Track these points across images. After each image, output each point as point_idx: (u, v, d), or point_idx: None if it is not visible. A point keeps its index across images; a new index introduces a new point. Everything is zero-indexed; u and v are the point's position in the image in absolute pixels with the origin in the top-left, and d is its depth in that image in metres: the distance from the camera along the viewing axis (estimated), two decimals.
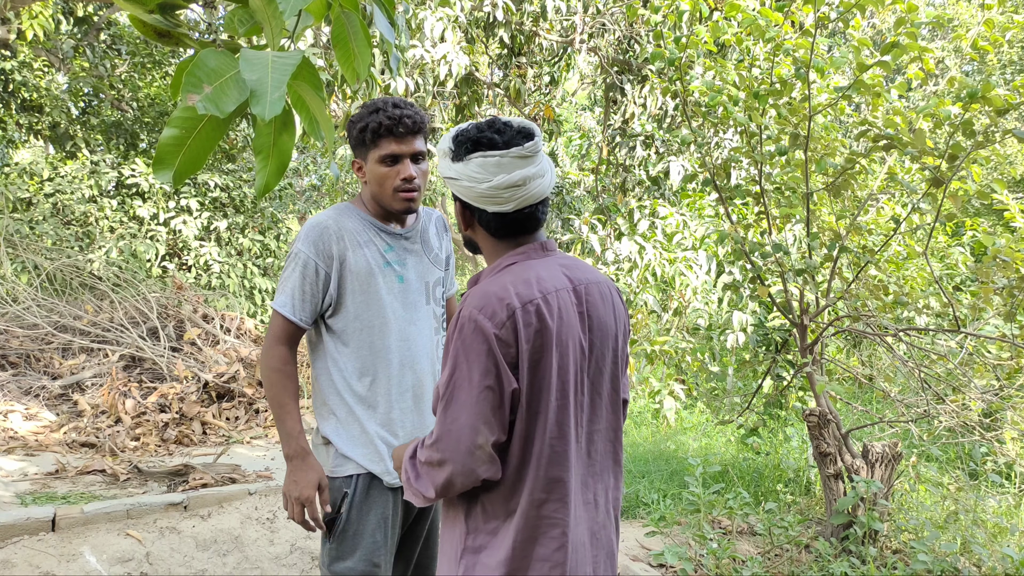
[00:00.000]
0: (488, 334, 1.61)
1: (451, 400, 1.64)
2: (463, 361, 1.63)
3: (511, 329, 1.63)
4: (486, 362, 1.62)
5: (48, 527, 3.82)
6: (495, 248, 1.81)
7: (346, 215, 2.27)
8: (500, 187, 1.68)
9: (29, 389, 5.94)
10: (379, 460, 2.21)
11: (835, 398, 5.34)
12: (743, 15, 4.57)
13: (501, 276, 1.72)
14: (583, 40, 8.93)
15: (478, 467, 1.63)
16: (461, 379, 1.63)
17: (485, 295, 1.66)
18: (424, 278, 2.31)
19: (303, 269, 2.20)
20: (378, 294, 2.22)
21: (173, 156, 1.43)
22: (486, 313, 1.63)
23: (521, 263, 1.75)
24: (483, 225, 1.78)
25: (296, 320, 2.22)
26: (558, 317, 1.69)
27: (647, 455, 6.48)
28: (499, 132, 1.72)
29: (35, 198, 9.43)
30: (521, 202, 1.72)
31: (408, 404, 2.25)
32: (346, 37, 1.58)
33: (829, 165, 4.61)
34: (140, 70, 11.53)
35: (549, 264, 1.77)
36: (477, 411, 1.61)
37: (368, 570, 2.17)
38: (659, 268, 9.01)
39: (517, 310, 1.64)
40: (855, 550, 4.28)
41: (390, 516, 2.23)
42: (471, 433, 1.62)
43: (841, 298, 4.62)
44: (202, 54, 1.28)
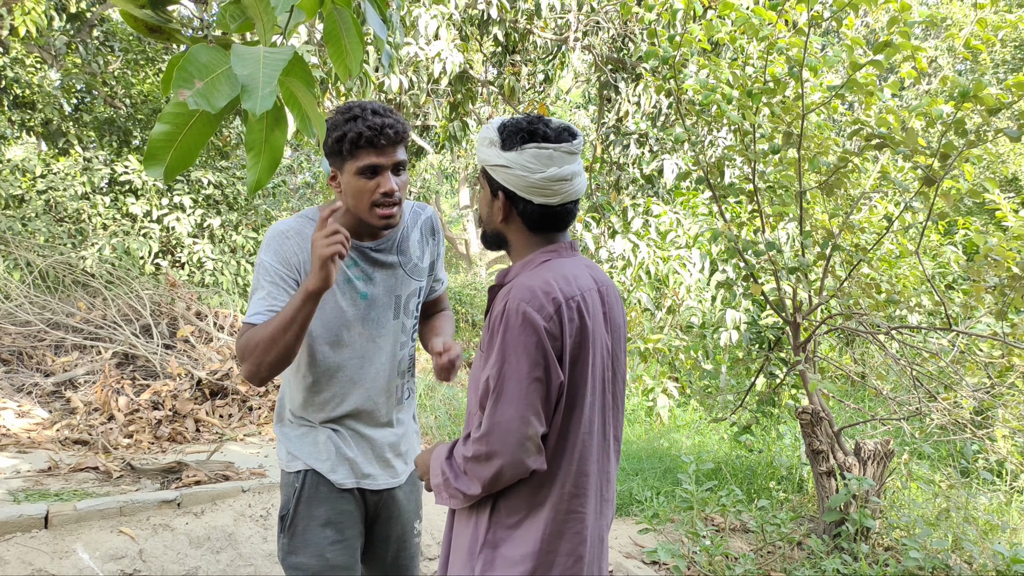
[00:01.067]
0: (538, 326, 1.64)
1: (501, 392, 1.65)
2: (512, 353, 1.65)
3: (557, 322, 1.67)
4: (535, 354, 1.64)
5: (41, 524, 3.81)
6: (527, 243, 1.83)
7: (310, 224, 2.13)
8: (552, 179, 1.72)
9: (21, 386, 5.92)
10: (325, 459, 2.19)
11: (828, 396, 5.36)
12: (737, 14, 4.57)
13: (540, 271, 1.74)
14: (577, 38, 8.93)
15: (528, 458, 1.66)
16: (510, 371, 1.65)
17: (530, 289, 1.68)
18: (394, 292, 2.20)
19: (271, 276, 2.08)
20: (333, 311, 2.13)
21: (164, 152, 1.43)
22: (534, 306, 1.65)
23: (555, 260, 1.79)
24: (523, 217, 1.80)
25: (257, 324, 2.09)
26: (592, 315, 1.75)
27: (640, 453, 6.49)
28: (548, 126, 1.77)
29: (27, 195, 9.40)
30: (566, 196, 1.76)
31: (357, 420, 2.22)
32: (338, 34, 1.58)
33: (822, 164, 4.62)
34: (133, 67, 11.50)
35: (578, 264, 1.82)
36: (528, 402, 1.64)
37: (319, 564, 2.15)
38: (653, 266, 9.02)
39: (562, 304, 1.68)
40: (847, 547, 4.29)
41: (344, 513, 2.21)
42: (522, 424, 1.64)
43: (834, 296, 4.64)
44: (193, 49, 1.28)
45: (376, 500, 2.28)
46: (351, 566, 2.21)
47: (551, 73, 11.03)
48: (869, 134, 4.44)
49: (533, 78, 11.15)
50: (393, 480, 2.27)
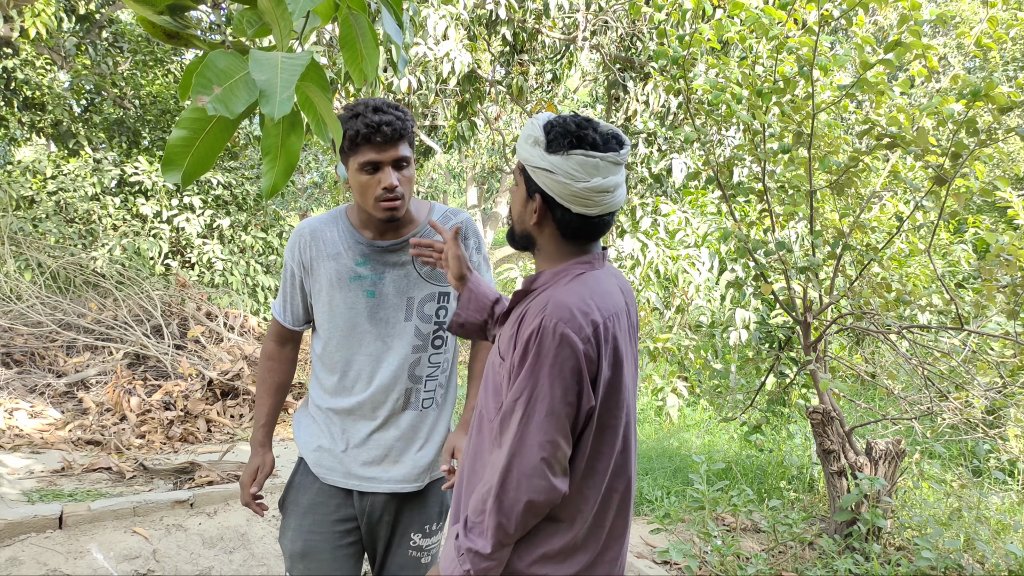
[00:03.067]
0: (576, 348, 1.56)
1: (531, 416, 1.57)
2: (545, 377, 1.56)
3: (595, 345, 1.59)
4: (570, 379, 1.56)
5: (55, 524, 3.83)
6: (558, 251, 1.75)
7: (330, 223, 2.25)
8: (595, 190, 1.63)
9: (34, 387, 5.95)
10: (314, 450, 2.26)
11: (838, 395, 5.34)
12: (747, 13, 4.56)
13: (575, 287, 1.66)
14: (586, 37, 8.93)
15: (559, 482, 1.58)
16: (541, 395, 1.56)
17: (568, 308, 1.59)
18: (407, 293, 2.21)
19: (286, 273, 2.29)
20: (339, 307, 2.19)
21: (182, 157, 1.44)
22: (573, 327, 1.57)
23: (589, 273, 1.71)
24: (559, 225, 1.71)
25: (281, 320, 2.33)
26: (623, 333, 1.68)
27: (650, 452, 6.49)
28: (597, 132, 1.67)
29: (38, 196, 9.45)
30: (605, 208, 1.67)
31: (359, 419, 2.23)
32: (354, 38, 1.59)
33: (833, 163, 4.61)
34: (142, 68, 11.54)
35: (609, 276, 1.75)
36: (558, 427, 1.57)
37: (299, 549, 2.23)
38: (662, 266, 9.02)
39: (600, 325, 1.60)
40: (859, 547, 4.29)
41: (324, 505, 2.24)
42: (551, 448, 1.57)
43: (844, 296, 4.63)
44: (212, 55, 1.29)
45: (368, 503, 2.25)
46: (329, 560, 2.23)
47: (559, 72, 11.03)
48: (880, 133, 4.43)
49: (541, 77, 11.15)
50: (386, 487, 2.23)
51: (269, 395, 2.37)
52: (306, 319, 2.32)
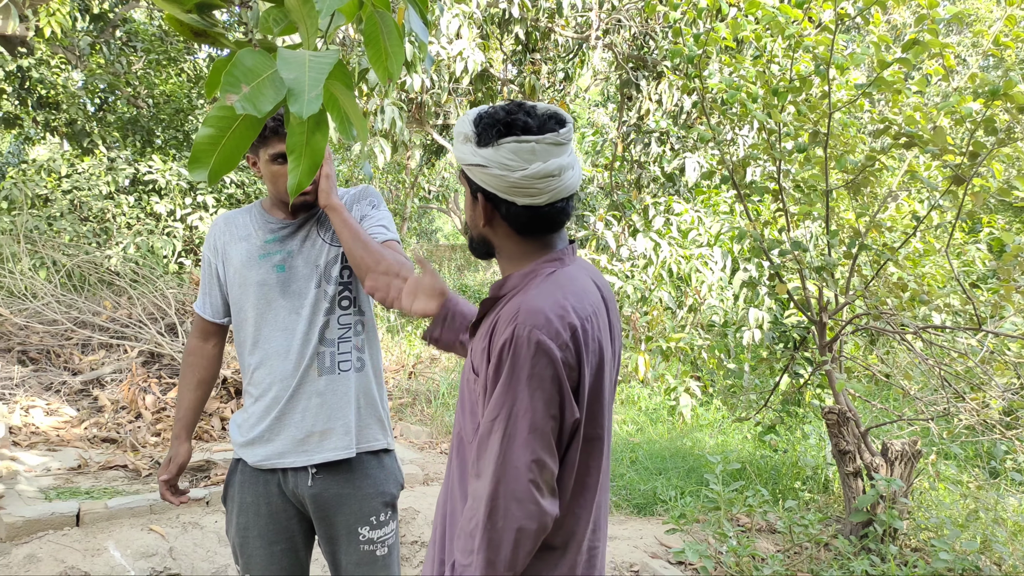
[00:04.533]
0: (554, 357, 1.43)
1: (513, 435, 1.43)
2: (524, 389, 1.43)
3: (574, 351, 1.46)
4: (551, 390, 1.44)
5: (73, 522, 3.85)
6: (520, 249, 1.62)
7: (244, 212, 2.37)
8: (535, 176, 1.50)
9: (50, 385, 5.98)
10: (245, 442, 2.28)
11: (854, 396, 5.32)
12: (763, 11, 4.55)
13: (547, 288, 1.53)
14: (599, 36, 8.92)
15: (549, 505, 1.45)
16: (522, 409, 1.43)
17: (541, 312, 1.46)
18: (315, 262, 2.27)
19: (204, 265, 2.38)
20: (251, 285, 2.25)
21: (208, 155, 1.44)
22: (548, 333, 1.44)
23: (560, 271, 1.58)
24: (508, 221, 1.58)
25: (202, 313, 2.37)
26: (604, 332, 1.57)
27: (663, 452, 6.48)
28: (530, 115, 1.54)
29: (52, 195, 9.50)
30: (555, 194, 1.54)
31: (280, 391, 2.24)
32: (378, 36, 1.58)
33: (850, 162, 4.59)
34: (155, 67, 11.59)
35: (581, 270, 1.63)
36: (543, 444, 1.44)
37: (238, 543, 2.29)
38: (675, 265, 9.00)
39: (578, 328, 1.48)
40: (875, 548, 4.27)
41: (259, 499, 2.27)
42: (537, 469, 1.43)
43: (861, 296, 4.60)
44: (240, 54, 1.29)
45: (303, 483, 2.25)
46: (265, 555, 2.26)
47: (571, 71, 11.03)
48: (897, 132, 4.41)
49: (553, 76, 11.16)
50: (317, 457, 2.23)
51: (190, 390, 2.40)
52: (225, 311, 2.36)
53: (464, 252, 18.77)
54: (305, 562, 2.37)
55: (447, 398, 7.67)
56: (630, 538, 4.89)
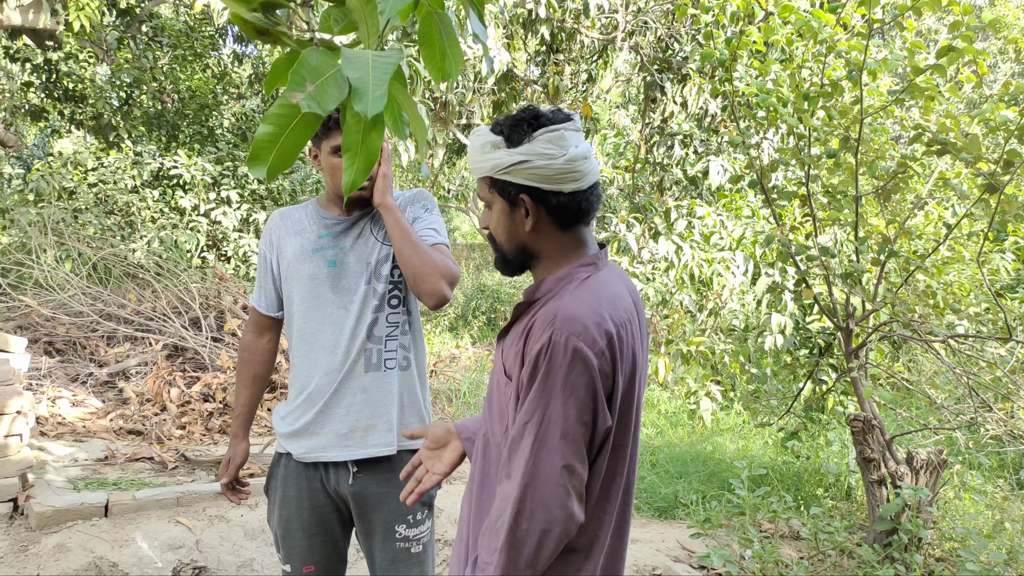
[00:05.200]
0: (591, 365, 1.44)
1: (544, 439, 1.44)
2: (558, 396, 1.44)
3: (609, 358, 1.47)
4: (585, 397, 1.44)
5: (101, 512, 3.88)
6: (559, 248, 1.62)
7: (300, 207, 2.41)
8: (575, 159, 1.54)
9: (76, 376, 6.04)
10: (289, 434, 2.32)
11: (879, 404, 5.29)
12: (796, 16, 4.53)
13: (582, 293, 1.53)
14: (624, 38, 8.90)
15: (577, 509, 1.46)
16: (555, 416, 1.44)
17: (576, 318, 1.47)
18: (366, 259, 2.30)
19: (260, 259, 2.43)
20: (303, 279, 2.29)
21: (268, 152, 1.45)
22: (586, 340, 1.44)
23: (595, 276, 1.58)
24: (554, 214, 1.59)
25: (257, 307, 2.43)
26: (638, 340, 1.58)
27: (684, 456, 6.46)
28: (541, 111, 1.59)
29: (78, 188, 9.58)
30: (591, 177, 1.57)
31: (325, 385, 2.28)
32: (435, 36, 1.59)
33: (881, 169, 4.56)
34: (181, 63, 11.66)
35: (614, 275, 1.62)
36: (574, 450, 1.45)
37: (280, 534, 2.34)
38: (696, 268, 8.98)
39: (614, 336, 1.48)
40: (899, 557, 4.24)
41: (301, 492, 2.31)
42: (566, 474, 1.44)
43: (892, 303, 4.58)
44: (305, 53, 1.30)
45: (345, 478, 2.28)
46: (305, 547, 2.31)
47: (594, 72, 11.01)
48: (931, 139, 4.38)
49: (576, 77, 11.14)
50: (360, 452, 2.26)
51: (246, 386, 2.45)
52: (279, 305, 2.41)
53: (482, 251, 18.78)
54: (343, 552, 2.42)
55: (468, 397, 7.69)
56: (652, 541, 4.88)
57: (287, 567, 2.33)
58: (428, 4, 1.56)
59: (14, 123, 12.14)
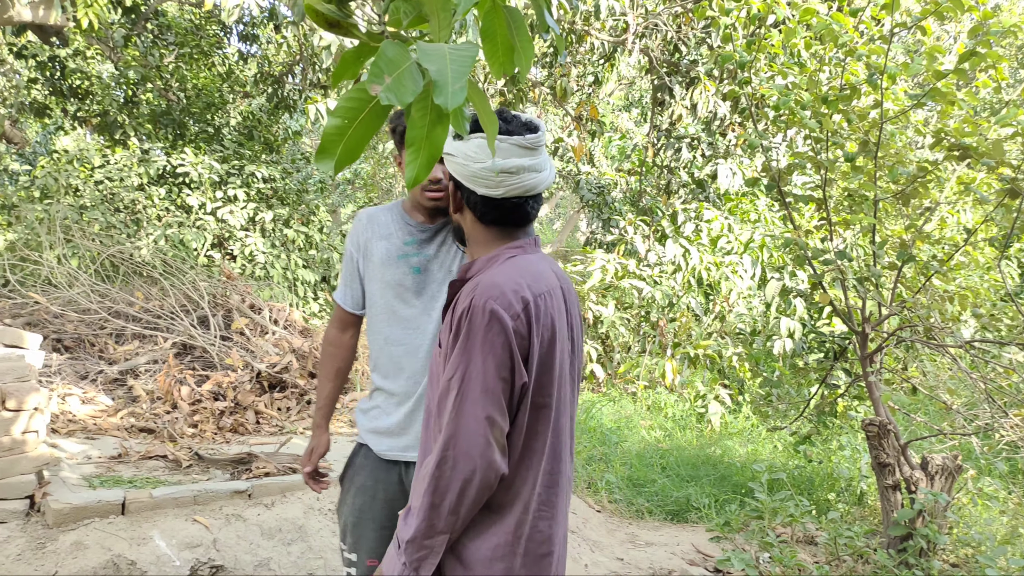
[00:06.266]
0: (506, 325, 1.59)
1: (466, 394, 1.58)
2: (478, 354, 1.59)
3: (525, 321, 1.61)
4: (502, 354, 1.59)
5: (118, 510, 3.85)
6: (484, 238, 1.80)
7: (386, 209, 2.46)
8: (493, 170, 1.69)
9: (85, 374, 6.00)
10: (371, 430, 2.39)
11: (894, 408, 5.28)
12: (818, 20, 4.52)
13: (507, 268, 1.70)
14: (635, 40, 8.89)
15: (498, 458, 1.59)
16: (475, 372, 1.58)
17: (498, 286, 1.63)
18: (448, 267, 2.36)
19: (346, 258, 2.49)
20: (388, 283, 2.35)
21: (335, 145, 1.44)
22: (502, 303, 1.60)
23: (521, 256, 1.75)
24: (471, 208, 1.78)
25: (342, 304, 2.50)
26: (558, 312, 1.71)
27: (693, 460, 6.45)
28: (505, 120, 1.73)
29: (84, 185, 9.54)
30: (511, 190, 1.71)
31: (410, 387, 2.35)
32: (495, 31, 1.57)
33: (901, 173, 4.55)
34: (188, 61, 11.63)
35: (542, 260, 1.79)
36: (494, 402, 1.57)
37: (351, 522, 2.38)
38: (704, 272, 8.97)
39: (531, 302, 1.63)
40: (914, 562, 4.23)
41: (378, 484, 2.37)
42: (487, 425, 1.57)
43: (911, 307, 4.57)
44: (383, 45, 1.29)
45: None
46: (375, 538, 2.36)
47: (601, 75, 11.00)
48: (952, 144, 4.37)
49: (583, 79, 11.13)
50: None
51: (328, 380, 2.54)
52: (363, 303, 2.48)
53: None
54: None
55: None
56: (667, 545, 4.87)
57: (352, 556, 2.37)
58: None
59: (18, 120, 12.10)
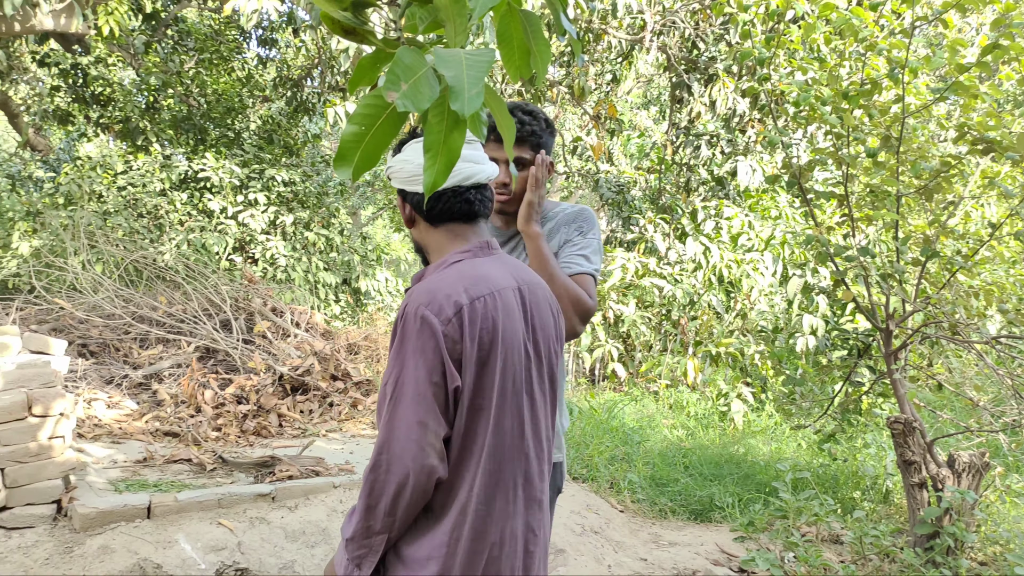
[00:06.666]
0: (435, 330, 1.60)
1: (400, 398, 1.60)
2: (411, 358, 1.61)
3: (457, 325, 1.62)
4: (433, 359, 1.60)
5: (144, 514, 3.89)
6: (437, 243, 1.82)
7: None
8: None
9: (111, 378, 6.06)
10: None
11: (919, 406, 5.23)
12: (838, 14, 4.49)
13: (448, 272, 1.72)
14: (652, 38, 8.86)
15: (433, 462, 1.59)
16: (408, 376, 1.60)
17: (430, 292, 1.65)
18: None
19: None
20: None
21: (353, 152, 1.45)
22: (432, 309, 1.62)
23: (468, 260, 1.76)
24: (419, 210, 1.80)
25: None
26: (505, 315, 1.70)
27: (716, 458, 6.41)
28: None
29: (108, 191, 9.64)
30: (452, 181, 1.74)
31: None
32: (511, 35, 1.57)
33: (924, 168, 4.51)
34: (208, 66, 11.72)
35: (495, 263, 1.79)
36: (426, 407, 1.59)
37: None
38: (725, 269, 8.92)
39: (464, 307, 1.64)
40: (941, 561, 4.19)
41: None
42: (420, 429, 1.58)
43: (934, 304, 4.52)
44: (400, 51, 1.29)
45: None
46: None
47: (619, 73, 10.97)
48: (975, 138, 4.32)
49: (601, 78, 11.10)
50: None
51: None
52: None
53: None
54: None
55: None
56: (690, 544, 4.84)
57: None
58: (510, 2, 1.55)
59: (42, 127, 12.23)
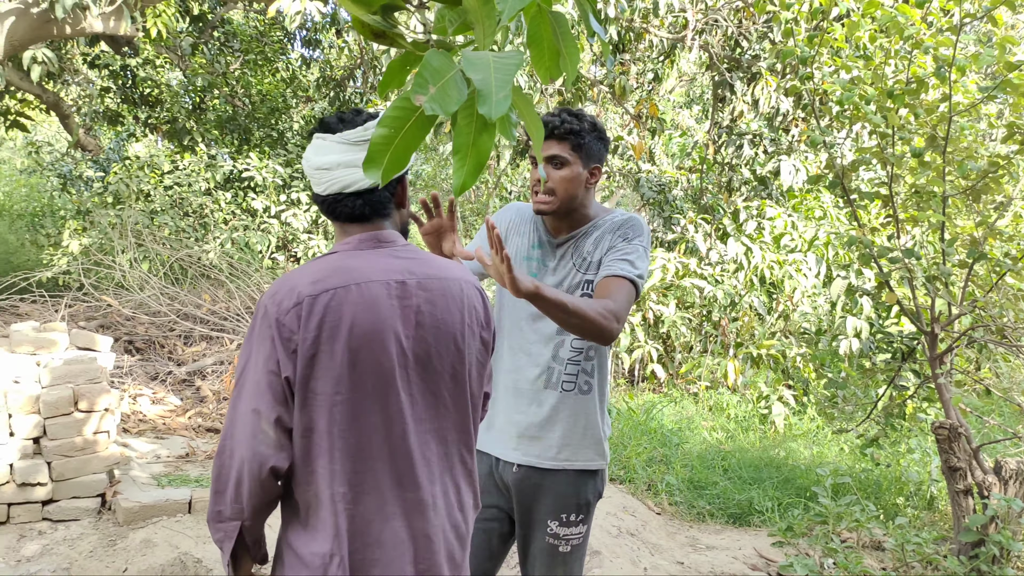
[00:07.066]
0: (271, 320, 1.62)
1: (242, 386, 1.63)
2: (254, 347, 1.64)
3: (295, 317, 1.62)
4: (270, 348, 1.62)
5: (185, 508, 3.96)
6: (337, 236, 1.83)
7: (527, 207, 2.52)
8: (312, 167, 1.74)
9: (156, 375, 6.18)
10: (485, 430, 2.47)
11: (966, 411, 5.12)
12: (882, 12, 4.41)
13: (312, 264, 1.73)
14: (694, 36, 8.79)
15: (264, 450, 1.59)
16: (249, 365, 1.63)
17: (282, 283, 1.68)
18: (564, 283, 2.39)
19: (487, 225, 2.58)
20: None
21: (382, 154, 1.45)
22: (276, 300, 1.64)
23: (342, 252, 1.75)
24: (319, 206, 1.83)
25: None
26: (362, 309, 1.66)
27: (756, 461, 6.34)
28: (342, 120, 1.76)
29: (154, 190, 9.83)
30: (330, 186, 1.73)
31: (511, 390, 2.42)
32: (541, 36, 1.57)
33: (971, 168, 4.41)
34: (252, 67, 11.88)
35: (377, 256, 1.74)
36: (259, 394, 1.60)
37: None
38: (767, 270, 8.81)
39: (305, 298, 1.63)
40: (987, 569, 4.09)
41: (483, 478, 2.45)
42: (254, 417, 1.60)
43: (982, 307, 4.42)
44: (428, 55, 1.30)
45: (509, 474, 2.42)
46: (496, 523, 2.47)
47: (660, 72, 10.90)
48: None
49: (642, 77, 11.03)
50: (524, 459, 2.38)
51: None
52: None
53: None
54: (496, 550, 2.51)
55: None
56: (728, 548, 4.80)
57: None
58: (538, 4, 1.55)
59: (92, 128, 12.50)
